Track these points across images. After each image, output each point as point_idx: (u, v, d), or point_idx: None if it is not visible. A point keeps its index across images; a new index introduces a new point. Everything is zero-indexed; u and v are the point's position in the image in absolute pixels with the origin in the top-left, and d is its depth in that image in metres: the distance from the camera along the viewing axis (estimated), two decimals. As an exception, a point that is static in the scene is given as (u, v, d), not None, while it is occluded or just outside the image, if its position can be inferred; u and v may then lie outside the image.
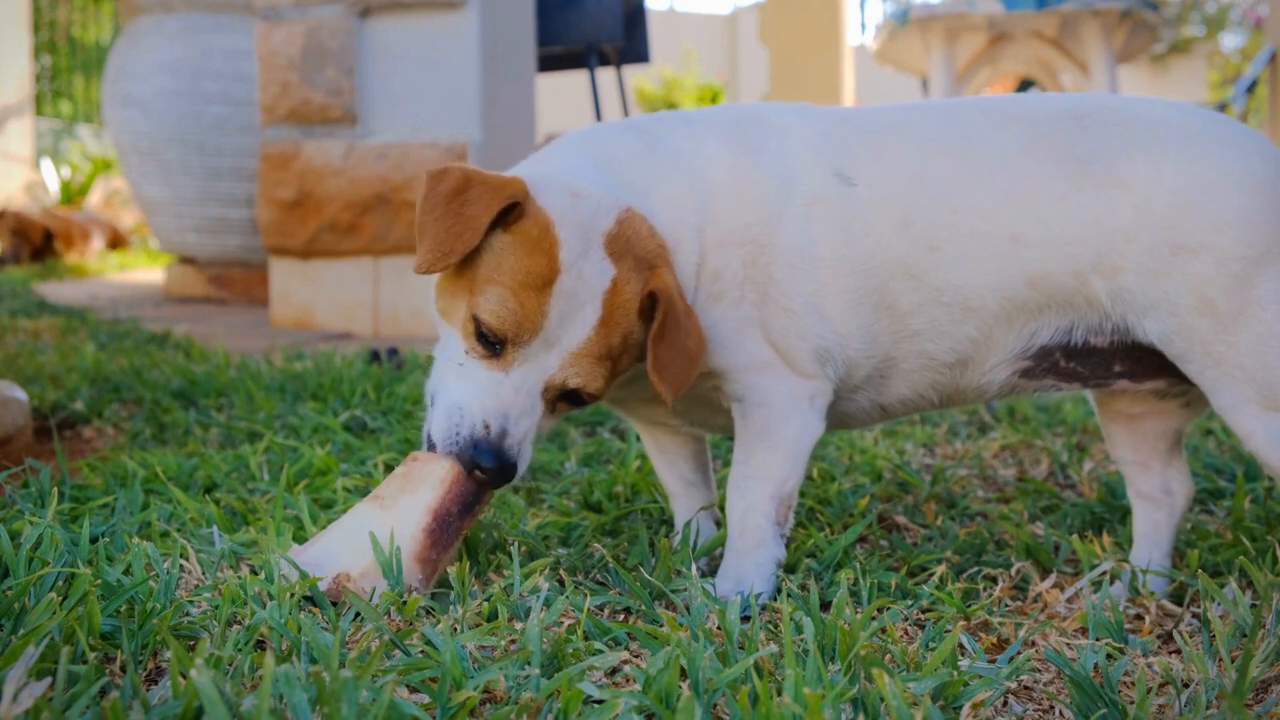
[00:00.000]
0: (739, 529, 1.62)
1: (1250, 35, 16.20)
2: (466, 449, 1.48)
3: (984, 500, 2.22)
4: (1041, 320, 1.59)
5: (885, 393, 1.69)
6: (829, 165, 1.62)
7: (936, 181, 1.59)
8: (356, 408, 2.75)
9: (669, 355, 1.49)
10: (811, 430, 1.64)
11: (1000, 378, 1.65)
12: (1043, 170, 1.55)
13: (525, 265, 1.47)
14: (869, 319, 1.61)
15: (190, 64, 6.20)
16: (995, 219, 1.56)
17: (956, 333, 1.61)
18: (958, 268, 1.57)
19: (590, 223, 1.50)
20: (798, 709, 1.09)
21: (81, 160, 13.43)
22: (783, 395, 1.62)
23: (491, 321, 1.47)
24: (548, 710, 1.15)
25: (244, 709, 1.03)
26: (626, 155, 1.63)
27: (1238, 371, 1.49)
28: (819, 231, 1.59)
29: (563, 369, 1.50)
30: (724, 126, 1.67)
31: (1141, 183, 1.51)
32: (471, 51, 4.93)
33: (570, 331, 1.49)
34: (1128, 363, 1.60)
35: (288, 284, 5.15)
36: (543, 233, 1.48)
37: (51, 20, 15.46)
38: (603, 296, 1.49)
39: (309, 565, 1.49)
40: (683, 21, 19.01)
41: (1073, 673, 1.23)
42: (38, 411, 2.79)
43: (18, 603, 1.33)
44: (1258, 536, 1.86)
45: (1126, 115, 1.57)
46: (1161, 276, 1.50)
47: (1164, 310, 1.50)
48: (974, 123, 1.62)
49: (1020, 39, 7.59)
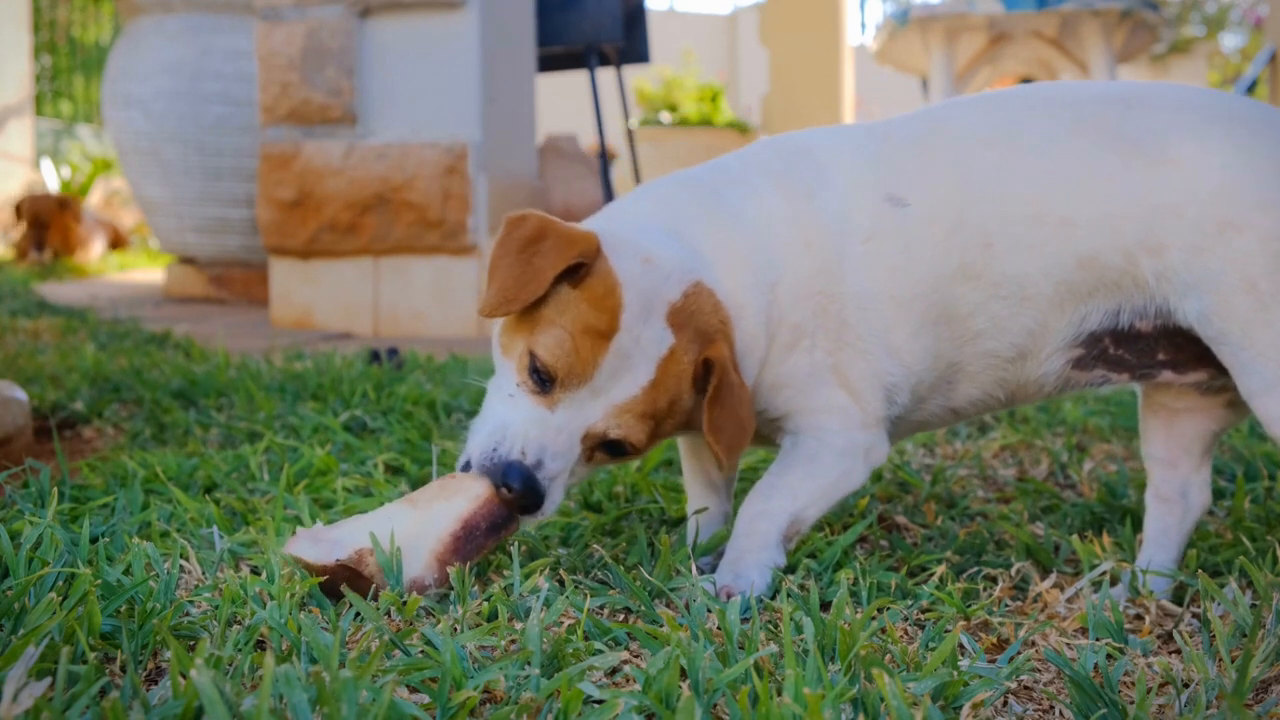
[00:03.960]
0: (747, 529, 1.64)
1: (1250, 35, 16.20)
2: (499, 468, 1.52)
3: (984, 500, 2.22)
4: (1091, 304, 1.61)
5: (954, 396, 1.73)
6: (879, 191, 1.65)
7: (984, 175, 1.61)
8: (356, 408, 2.75)
9: (724, 420, 1.54)
10: (855, 479, 1.68)
11: (1055, 367, 1.67)
12: (1091, 151, 1.58)
13: (586, 318, 1.51)
14: (931, 336, 1.65)
15: (190, 64, 6.20)
16: (1045, 203, 1.59)
17: (1015, 326, 1.63)
18: (1012, 258, 1.60)
19: (657, 291, 1.54)
20: (798, 709, 1.09)
21: (81, 160, 13.43)
22: (843, 440, 1.67)
23: (545, 358, 1.51)
24: (548, 710, 1.15)
25: (244, 709, 1.03)
26: (691, 217, 1.66)
27: (1272, 352, 1.50)
28: (881, 267, 1.63)
29: (605, 419, 1.54)
30: (777, 173, 1.69)
31: (1190, 161, 1.53)
32: (471, 51, 4.93)
33: (619, 387, 1.53)
34: (1170, 350, 1.62)
35: (288, 284, 5.15)
36: (608, 292, 1.52)
37: (51, 20, 15.47)
38: (658, 362, 1.53)
39: (331, 542, 1.50)
40: (683, 21, 19.01)
41: (1073, 673, 1.23)
42: (38, 411, 2.79)
43: (18, 603, 1.33)
44: (1258, 536, 1.86)
45: (1172, 98, 1.60)
46: (1206, 253, 1.52)
47: (1206, 288, 1.52)
48: (1015, 110, 1.65)
49: (1020, 39, 7.59)
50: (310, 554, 1.49)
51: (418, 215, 4.92)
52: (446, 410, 2.81)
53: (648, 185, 1.77)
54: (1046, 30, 7.39)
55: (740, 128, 10.14)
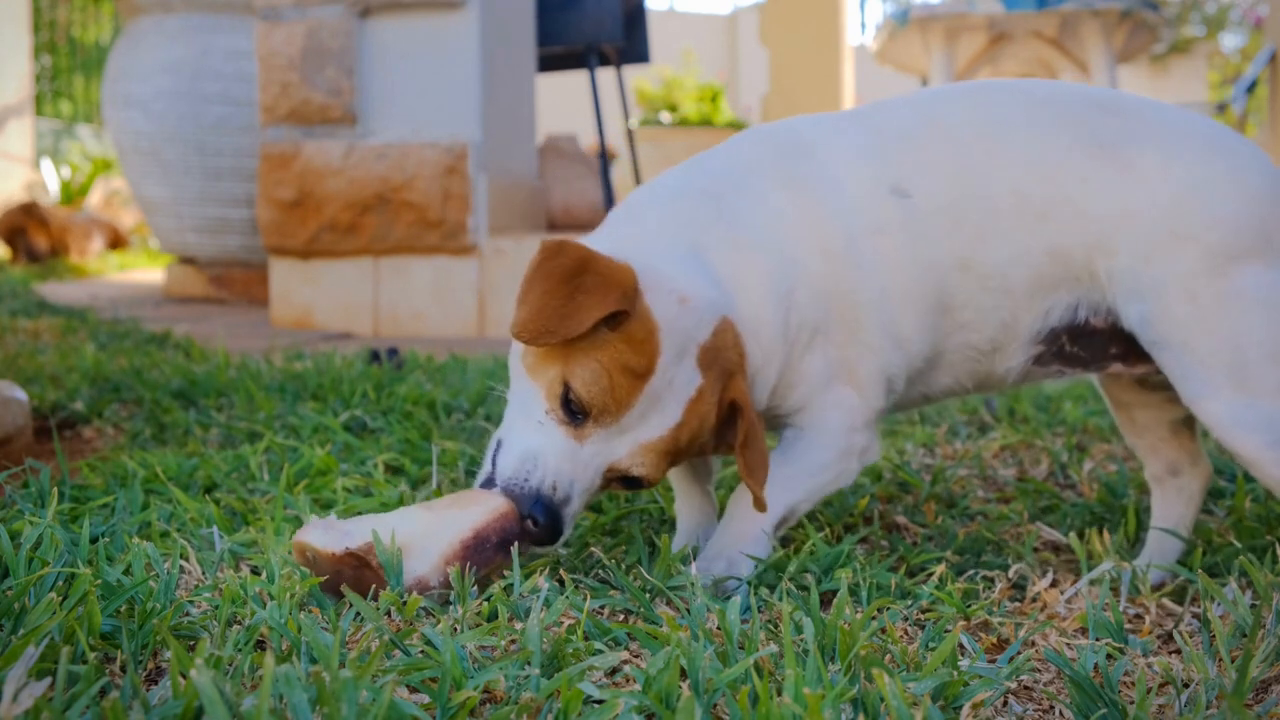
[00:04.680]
0: (742, 516, 1.67)
1: (1250, 35, 16.20)
2: (528, 498, 1.52)
3: (984, 500, 2.22)
4: (1055, 298, 1.67)
5: (930, 383, 1.78)
6: (883, 183, 1.68)
7: (976, 169, 1.66)
8: (356, 408, 2.75)
9: (756, 460, 1.58)
10: (848, 478, 1.74)
11: (1018, 363, 1.72)
12: (1068, 149, 1.63)
13: (625, 357, 1.51)
14: (930, 325, 1.69)
15: (190, 64, 6.20)
16: (1027, 197, 1.64)
17: (995, 319, 1.69)
18: (998, 251, 1.65)
19: (690, 333, 1.55)
20: (798, 709, 1.09)
21: (81, 160, 13.42)
22: (844, 440, 1.71)
23: (582, 393, 1.51)
24: (548, 710, 1.15)
25: (244, 709, 1.03)
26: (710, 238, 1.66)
27: (1210, 358, 1.56)
28: (891, 260, 1.66)
29: (630, 456, 1.55)
30: (781, 175, 1.70)
31: (1152, 171, 1.60)
32: (471, 51, 4.92)
33: (646, 426, 1.54)
34: (1120, 345, 1.69)
35: (288, 284, 5.15)
36: (648, 336, 1.52)
37: (51, 20, 15.46)
38: (686, 403, 1.55)
39: (342, 533, 1.50)
40: (683, 21, 19.00)
41: (1073, 673, 1.23)
42: (38, 411, 2.79)
43: (18, 603, 1.33)
44: (1258, 536, 1.86)
45: (1146, 110, 1.67)
46: (1153, 261, 1.59)
47: (1150, 294, 1.59)
48: (1003, 104, 1.70)
49: (1020, 39, 7.58)
50: (321, 541, 1.49)
51: (418, 215, 4.92)
52: (446, 410, 2.81)
53: (655, 194, 1.75)
54: (1046, 30, 7.39)
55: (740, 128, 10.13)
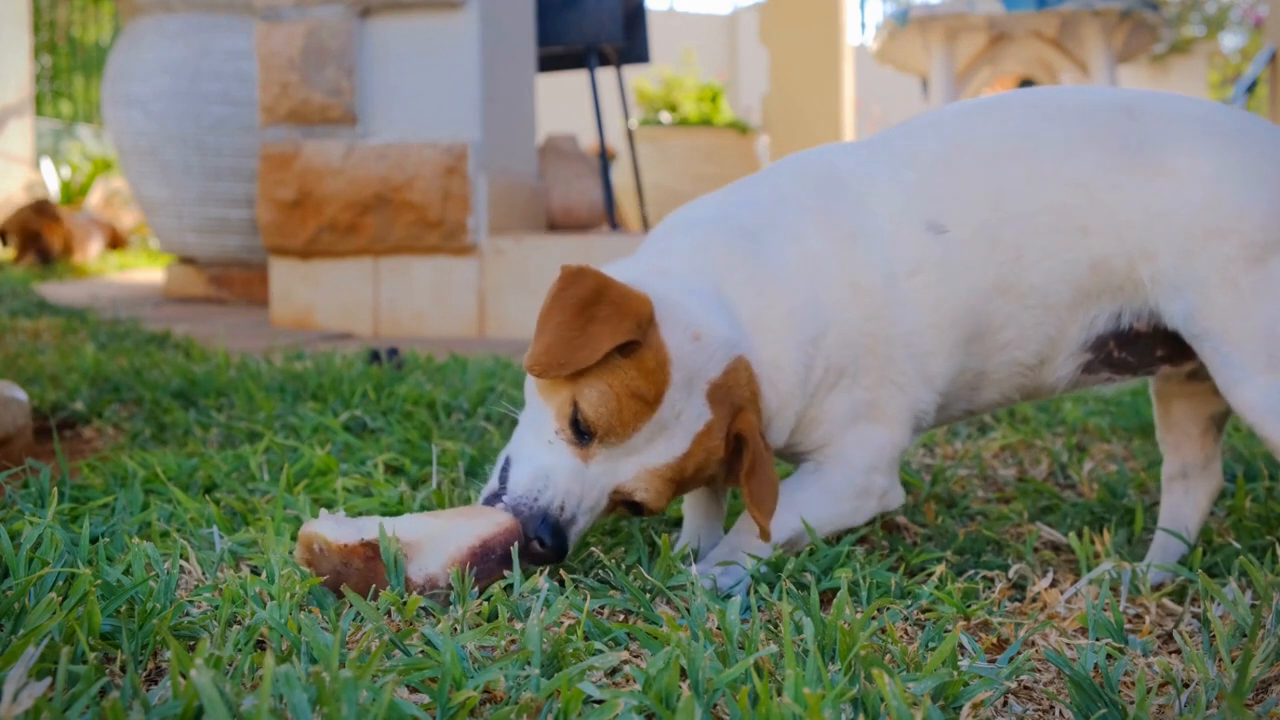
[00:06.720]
0: (748, 529, 1.67)
1: (1250, 35, 16.20)
2: (535, 517, 1.53)
3: (984, 500, 2.22)
4: (1098, 308, 1.69)
5: (976, 400, 1.79)
6: (919, 220, 1.68)
7: (1012, 190, 1.67)
8: (356, 408, 2.75)
9: (763, 491, 1.58)
10: (862, 517, 1.74)
11: (1068, 372, 1.74)
12: (1102, 160, 1.65)
13: (634, 383, 1.53)
14: (963, 355, 1.71)
15: (190, 64, 6.20)
16: (1065, 213, 1.66)
17: (1038, 334, 1.70)
18: (1038, 269, 1.67)
19: (701, 369, 1.57)
20: (798, 709, 1.09)
21: (81, 160, 13.43)
22: (864, 480, 1.72)
23: (589, 413, 1.53)
24: (548, 710, 1.15)
25: (244, 709, 1.03)
26: (735, 277, 1.66)
27: (1249, 343, 1.59)
28: (928, 299, 1.67)
29: (635, 480, 1.56)
30: (816, 212, 1.70)
31: (1183, 172, 1.63)
32: (471, 51, 4.92)
33: (653, 451, 1.56)
34: (1167, 347, 1.71)
35: (288, 284, 5.15)
36: (659, 367, 1.54)
37: (51, 20, 15.46)
38: (694, 436, 1.56)
39: (354, 527, 1.51)
40: (683, 21, 19.00)
41: (1073, 673, 1.23)
42: (38, 411, 2.79)
43: (18, 603, 1.33)
44: (1258, 536, 1.86)
45: (1170, 109, 1.68)
46: (1194, 257, 1.61)
47: (1192, 289, 1.61)
48: (1032, 120, 1.71)
49: (1020, 39, 7.58)
50: (333, 533, 1.50)
51: (418, 215, 4.92)
52: (446, 410, 2.81)
53: (691, 224, 1.75)
54: (1046, 30, 7.38)
55: (740, 128, 10.11)
